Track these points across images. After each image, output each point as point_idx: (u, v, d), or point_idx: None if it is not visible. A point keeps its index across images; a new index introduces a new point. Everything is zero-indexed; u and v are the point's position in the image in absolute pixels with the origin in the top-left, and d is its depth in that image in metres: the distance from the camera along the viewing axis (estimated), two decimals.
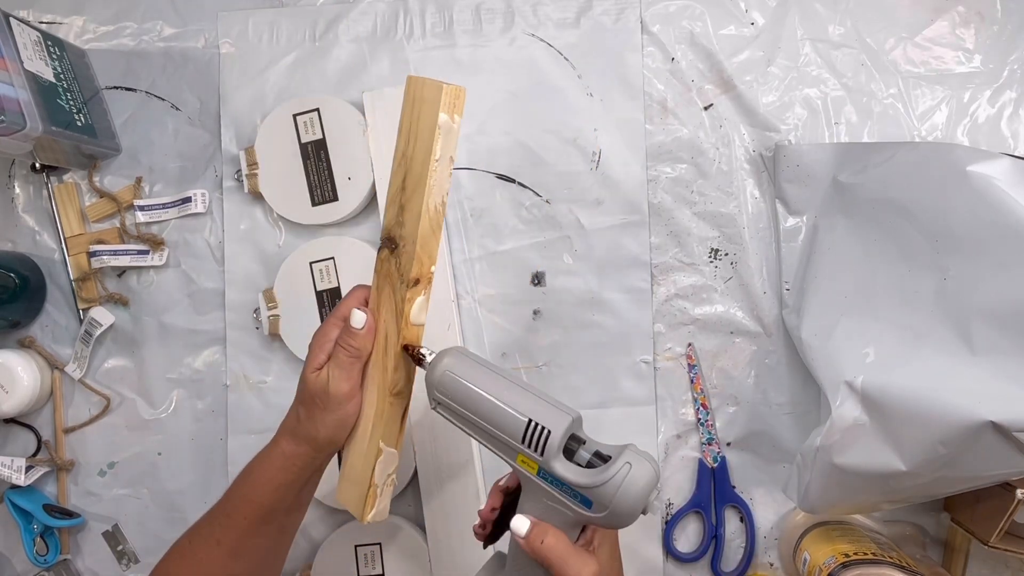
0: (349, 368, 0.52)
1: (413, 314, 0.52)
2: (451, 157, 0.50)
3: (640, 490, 0.43)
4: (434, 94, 0.48)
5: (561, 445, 0.45)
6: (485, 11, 0.74)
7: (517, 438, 0.46)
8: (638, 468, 0.43)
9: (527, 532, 0.46)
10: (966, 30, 0.70)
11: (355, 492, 0.55)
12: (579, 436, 0.47)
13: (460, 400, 0.48)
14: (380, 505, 0.55)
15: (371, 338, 0.53)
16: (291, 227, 0.75)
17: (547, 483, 0.46)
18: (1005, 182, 0.55)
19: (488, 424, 0.47)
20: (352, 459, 0.55)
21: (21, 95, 0.65)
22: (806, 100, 0.71)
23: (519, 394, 0.47)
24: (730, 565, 0.71)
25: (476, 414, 0.48)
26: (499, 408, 0.47)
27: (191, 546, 0.56)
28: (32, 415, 0.77)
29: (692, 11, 0.72)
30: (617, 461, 0.44)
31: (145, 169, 0.77)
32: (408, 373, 0.53)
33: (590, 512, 0.45)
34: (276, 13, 0.76)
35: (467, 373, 0.49)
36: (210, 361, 0.76)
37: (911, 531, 0.69)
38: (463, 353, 0.50)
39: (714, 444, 0.71)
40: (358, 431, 0.54)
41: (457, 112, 0.49)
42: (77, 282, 0.76)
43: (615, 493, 0.43)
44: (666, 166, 0.73)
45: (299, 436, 0.54)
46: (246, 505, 0.54)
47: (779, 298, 0.71)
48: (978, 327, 0.55)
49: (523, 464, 0.47)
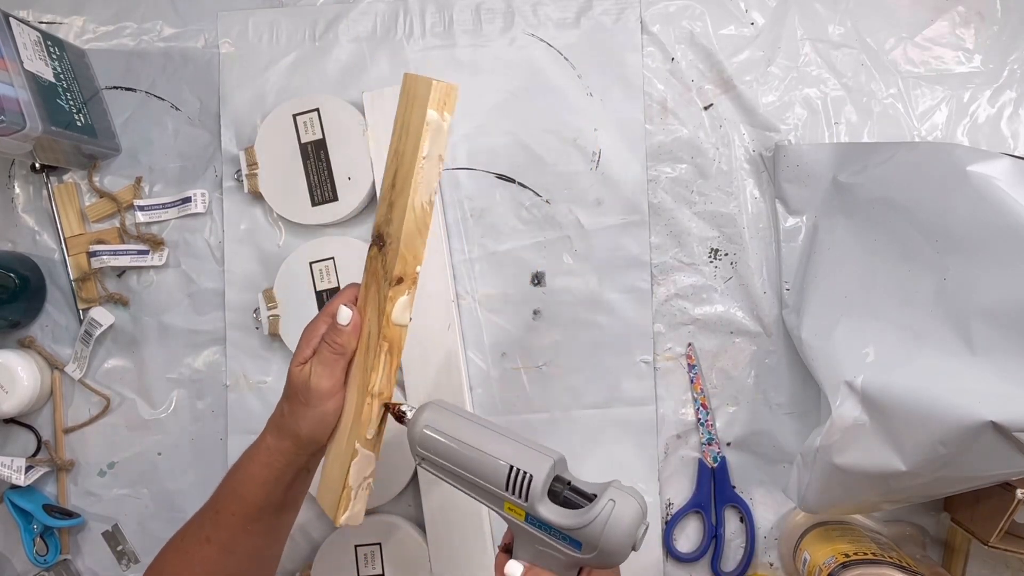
0: (332, 365, 0.52)
1: (395, 314, 0.51)
2: (440, 155, 0.49)
3: (626, 527, 0.43)
4: (424, 90, 0.48)
5: (545, 488, 0.45)
6: (485, 11, 0.74)
7: (501, 486, 0.46)
8: (622, 504, 0.43)
9: None
10: (966, 30, 0.70)
11: (331, 492, 0.54)
12: (563, 477, 0.47)
13: (442, 454, 0.48)
14: (354, 508, 0.54)
15: (356, 336, 0.52)
16: (291, 227, 0.75)
17: (535, 528, 0.46)
18: (1005, 182, 0.55)
19: (472, 475, 0.47)
20: (330, 459, 0.54)
21: (21, 95, 0.65)
22: (806, 100, 0.71)
23: (499, 441, 0.47)
24: (730, 565, 0.71)
25: (459, 466, 0.48)
26: (480, 457, 0.47)
27: (183, 543, 0.56)
28: (32, 415, 0.77)
29: (692, 11, 0.72)
30: (601, 499, 0.44)
31: (145, 169, 0.77)
32: (389, 376, 0.53)
33: (580, 553, 0.45)
34: (276, 13, 0.76)
35: (446, 426, 0.49)
36: (210, 361, 0.76)
37: (911, 531, 0.69)
38: (441, 406, 0.50)
39: (714, 444, 0.71)
40: (338, 431, 0.54)
41: (448, 110, 0.49)
42: (77, 282, 0.76)
43: (601, 532, 0.43)
44: (666, 166, 0.73)
45: (283, 431, 0.54)
46: (234, 502, 0.54)
47: (779, 298, 0.71)
48: (978, 327, 0.55)
49: (510, 512, 0.47)
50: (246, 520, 0.54)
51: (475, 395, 0.73)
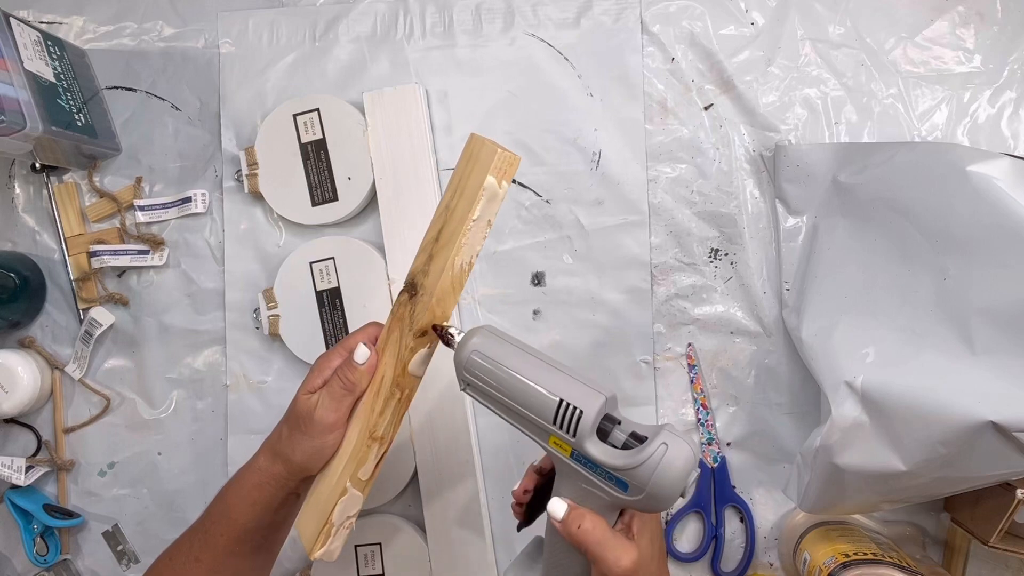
0: (340, 399, 0.52)
1: (412, 364, 0.51)
2: (489, 220, 0.49)
3: (678, 471, 0.41)
4: (487, 156, 0.48)
5: (594, 426, 0.43)
6: (485, 11, 0.74)
7: (548, 419, 0.44)
8: (675, 448, 0.41)
9: (564, 516, 0.45)
10: (966, 30, 0.70)
11: (313, 523, 0.53)
12: (614, 416, 0.45)
13: (489, 381, 0.46)
14: (331, 545, 0.53)
15: (369, 376, 0.52)
16: (291, 227, 0.75)
17: (581, 465, 0.44)
18: (1005, 182, 0.55)
19: (518, 405, 0.45)
20: (319, 489, 0.54)
21: (21, 95, 0.65)
22: (806, 100, 0.71)
23: (550, 373, 0.45)
24: (730, 565, 0.71)
25: (506, 395, 0.46)
26: (529, 388, 0.45)
27: (171, 562, 0.56)
28: (32, 415, 0.77)
29: (692, 11, 0.72)
30: (653, 442, 0.42)
31: (145, 169, 0.77)
32: (394, 422, 0.52)
33: (626, 495, 0.43)
34: (276, 13, 0.76)
35: (496, 353, 0.46)
36: (210, 361, 0.76)
37: (911, 531, 0.69)
38: (492, 332, 0.48)
39: (714, 444, 0.71)
40: (332, 464, 0.53)
41: (506, 178, 0.49)
42: (77, 282, 0.76)
43: (651, 475, 0.41)
44: (666, 166, 0.73)
45: (277, 453, 0.54)
46: (223, 521, 0.55)
47: (779, 298, 0.71)
48: (978, 327, 0.55)
49: (556, 446, 0.45)
50: (235, 542, 0.54)
51: None
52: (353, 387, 0.52)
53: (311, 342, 0.72)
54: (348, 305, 0.72)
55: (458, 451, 0.71)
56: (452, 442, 0.71)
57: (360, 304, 0.72)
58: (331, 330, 0.72)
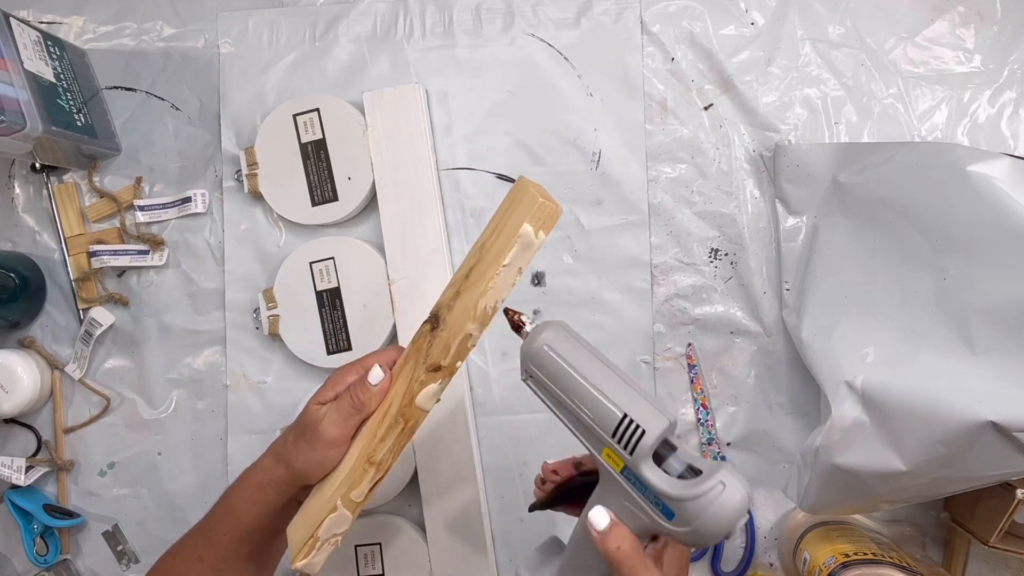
0: (347, 417, 0.52)
1: (420, 398, 0.51)
2: (520, 268, 0.49)
3: (730, 513, 0.40)
4: (528, 204, 0.47)
5: (653, 448, 0.42)
6: (485, 11, 0.74)
7: (608, 431, 0.43)
8: (731, 490, 0.40)
9: (605, 529, 0.44)
10: (966, 30, 0.70)
11: (302, 532, 0.53)
12: (671, 443, 0.44)
13: (554, 378, 0.45)
14: (314, 559, 0.53)
15: (380, 399, 0.52)
16: (291, 227, 0.75)
17: (630, 484, 0.43)
18: (1005, 182, 0.55)
19: (580, 409, 0.44)
20: (313, 501, 0.54)
21: (21, 95, 0.65)
22: (806, 100, 0.71)
23: (618, 385, 0.44)
24: (730, 565, 0.71)
25: (569, 396, 0.45)
26: (594, 396, 0.44)
27: (174, 560, 0.56)
28: (32, 415, 0.77)
29: (692, 11, 0.72)
30: (711, 478, 0.41)
31: (145, 169, 0.77)
32: (394, 450, 0.52)
33: (669, 524, 0.42)
34: (276, 13, 0.76)
35: (566, 351, 0.45)
36: (210, 361, 0.76)
37: (911, 531, 0.69)
38: (565, 328, 0.47)
39: (714, 444, 0.71)
40: (329, 479, 0.53)
41: (544, 230, 0.48)
42: (77, 282, 0.76)
43: (702, 511, 0.40)
44: (666, 166, 0.73)
45: (281, 457, 0.54)
46: (227, 519, 0.55)
47: (779, 298, 0.71)
48: (978, 327, 0.55)
49: (608, 459, 0.44)
50: (237, 541, 0.55)
51: (475, 395, 0.73)
52: (362, 407, 0.52)
53: (311, 342, 0.72)
54: (348, 305, 0.72)
55: (458, 451, 0.71)
56: (452, 442, 0.71)
57: (360, 304, 0.72)
58: (331, 330, 0.72)
